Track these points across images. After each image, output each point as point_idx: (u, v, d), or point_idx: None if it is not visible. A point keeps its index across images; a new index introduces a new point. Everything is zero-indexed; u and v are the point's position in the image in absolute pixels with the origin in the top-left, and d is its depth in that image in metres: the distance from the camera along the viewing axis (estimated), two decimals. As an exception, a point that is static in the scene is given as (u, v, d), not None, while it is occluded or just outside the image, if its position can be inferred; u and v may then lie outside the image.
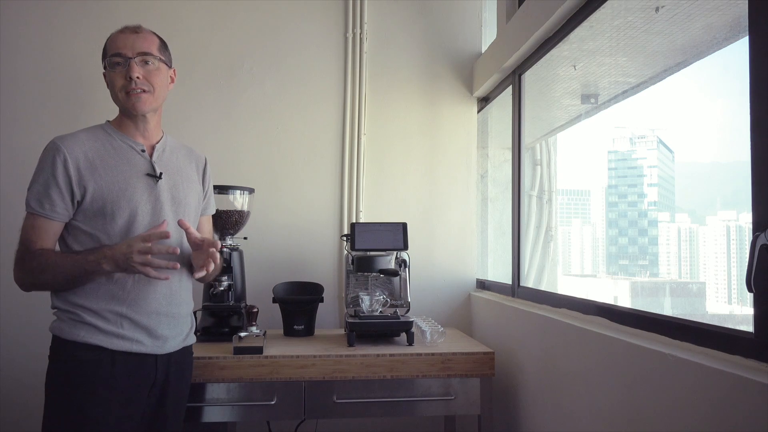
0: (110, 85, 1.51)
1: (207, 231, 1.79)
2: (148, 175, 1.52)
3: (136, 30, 1.52)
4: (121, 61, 1.48)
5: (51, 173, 1.42)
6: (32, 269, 1.41)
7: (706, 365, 1.09)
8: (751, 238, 1.05)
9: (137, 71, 1.48)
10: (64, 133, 1.51)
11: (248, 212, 2.29)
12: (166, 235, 1.40)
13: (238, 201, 2.25)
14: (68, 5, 2.51)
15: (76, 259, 1.40)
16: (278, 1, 2.61)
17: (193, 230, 1.52)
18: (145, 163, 1.53)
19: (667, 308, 1.95)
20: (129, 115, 1.53)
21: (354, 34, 2.62)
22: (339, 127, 2.61)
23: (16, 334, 2.39)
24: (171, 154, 1.62)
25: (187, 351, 1.63)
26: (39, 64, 2.49)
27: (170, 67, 1.60)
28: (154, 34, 1.56)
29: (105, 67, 1.52)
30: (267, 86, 2.59)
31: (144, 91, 1.49)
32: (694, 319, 1.25)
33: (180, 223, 1.50)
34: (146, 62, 1.50)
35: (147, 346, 1.47)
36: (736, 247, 1.69)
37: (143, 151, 1.55)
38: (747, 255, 1.05)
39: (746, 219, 1.11)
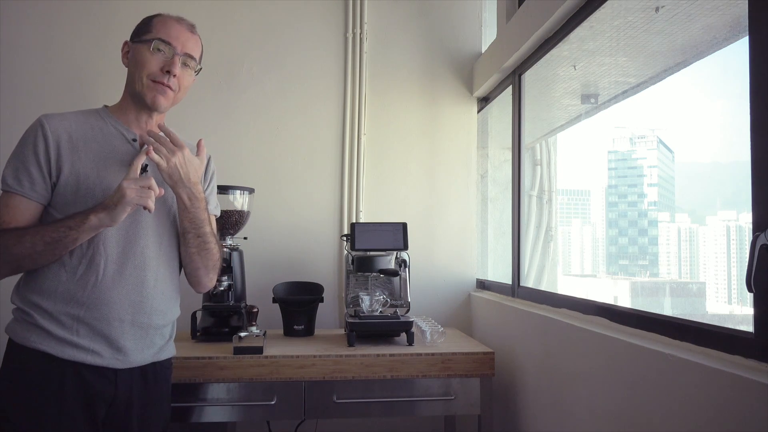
0: (137, 63, 1.40)
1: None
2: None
3: (191, 29, 1.47)
4: (165, 49, 1.39)
5: (32, 149, 1.32)
6: (6, 243, 1.26)
7: (706, 365, 1.09)
8: (751, 238, 1.05)
9: (178, 69, 1.41)
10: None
11: (248, 212, 2.29)
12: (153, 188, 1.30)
13: (238, 201, 2.25)
14: (68, 5, 2.51)
15: (58, 224, 1.27)
16: (278, 1, 2.61)
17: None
18: (133, 153, 1.40)
19: (667, 308, 1.95)
20: (138, 102, 1.42)
21: (354, 34, 2.62)
22: (339, 127, 2.61)
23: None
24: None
25: (160, 366, 1.45)
26: (39, 64, 2.49)
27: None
28: (200, 40, 1.51)
29: (136, 42, 1.41)
30: (267, 86, 2.59)
31: (170, 88, 1.41)
32: (694, 319, 1.25)
33: (160, 127, 1.40)
34: (186, 64, 1.44)
35: (104, 358, 1.31)
36: (736, 247, 1.69)
37: (134, 140, 1.42)
38: (747, 255, 1.05)
39: (746, 219, 1.11)
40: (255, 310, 1.97)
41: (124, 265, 1.36)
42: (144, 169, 1.39)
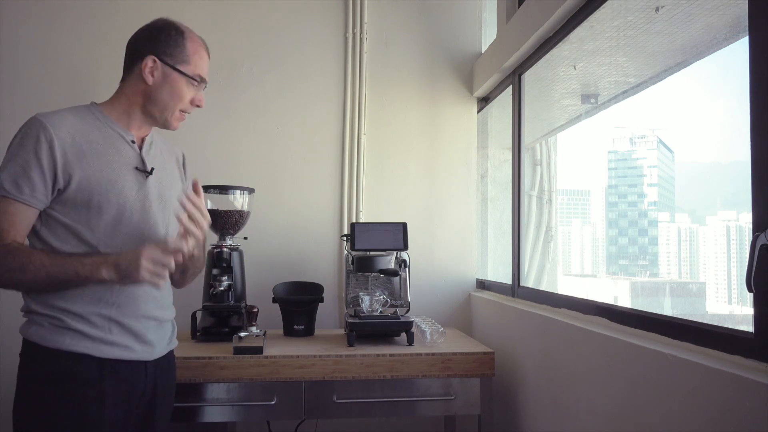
0: (175, 95, 1.41)
1: None
2: (137, 169, 1.40)
3: (208, 53, 1.49)
4: (198, 84, 1.45)
5: (34, 153, 1.26)
6: (9, 266, 1.23)
7: (706, 365, 1.09)
8: (751, 238, 1.05)
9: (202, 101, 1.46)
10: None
11: (248, 212, 2.29)
12: (180, 251, 1.29)
13: (238, 201, 2.25)
14: (68, 5, 2.51)
15: (68, 262, 1.25)
16: (278, 1, 2.61)
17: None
18: (135, 155, 1.41)
19: (667, 308, 1.95)
20: (149, 117, 1.43)
21: (354, 34, 2.62)
22: (339, 127, 2.61)
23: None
24: (156, 148, 1.50)
25: (170, 355, 1.53)
26: (39, 64, 2.49)
27: None
28: None
29: (172, 67, 1.40)
30: (267, 86, 2.59)
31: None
32: (694, 319, 1.25)
33: (195, 186, 1.40)
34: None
35: (137, 352, 1.36)
36: (736, 247, 1.69)
37: (133, 142, 1.42)
38: (747, 255, 1.05)
39: (746, 219, 1.11)
40: (255, 310, 1.97)
41: None
42: (150, 172, 1.42)
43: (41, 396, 1.27)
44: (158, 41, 1.40)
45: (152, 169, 1.42)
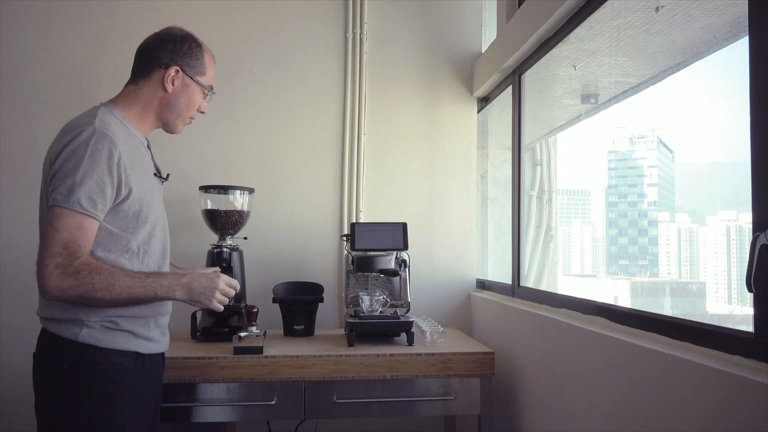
0: (190, 102, 1.49)
1: None
2: (155, 175, 1.50)
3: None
4: (208, 93, 1.54)
5: (107, 170, 1.28)
6: (93, 284, 1.25)
7: (706, 365, 1.09)
8: (751, 238, 1.05)
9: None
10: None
11: (248, 212, 2.29)
12: (237, 289, 1.49)
13: (238, 201, 2.25)
14: (68, 5, 2.51)
15: (147, 283, 1.32)
16: (278, 1, 2.61)
17: None
18: (150, 160, 1.50)
19: (667, 308, 1.95)
20: (160, 121, 1.49)
21: (354, 34, 2.62)
22: (339, 126, 2.61)
23: (22, 332, 2.38)
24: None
25: None
26: (39, 64, 2.49)
27: None
28: None
29: (192, 78, 1.48)
30: (267, 86, 2.59)
31: None
32: (694, 319, 1.25)
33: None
34: None
35: (161, 344, 1.49)
36: (736, 247, 1.69)
37: (148, 147, 1.51)
38: (747, 255, 1.05)
39: (746, 219, 1.11)
40: (255, 310, 1.97)
41: (163, 265, 1.50)
42: (166, 177, 1.54)
43: (99, 390, 1.33)
44: (182, 53, 1.46)
45: (168, 175, 1.53)
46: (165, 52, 1.45)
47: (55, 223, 1.25)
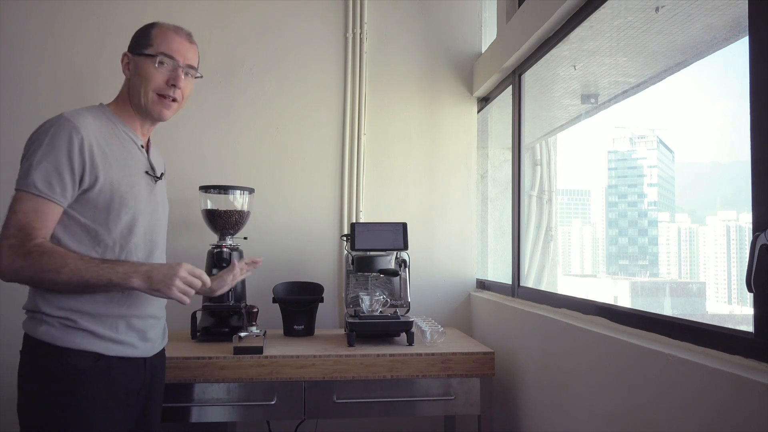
0: (143, 77, 1.42)
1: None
2: (147, 173, 1.47)
3: (190, 39, 1.50)
4: (168, 63, 1.44)
5: (67, 153, 1.29)
6: (42, 266, 1.24)
7: (706, 365, 1.09)
8: (751, 238, 1.05)
9: (183, 81, 1.45)
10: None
11: (248, 212, 2.29)
12: (207, 284, 1.39)
13: (238, 201, 2.25)
14: (68, 5, 2.51)
15: (101, 268, 1.27)
16: (278, 1, 2.61)
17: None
18: (144, 160, 1.48)
19: (667, 308, 1.95)
20: (142, 113, 1.46)
21: (354, 34, 2.62)
22: (339, 126, 2.61)
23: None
24: (155, 152, 1.57)
25: (162, 352, 1.59)
26: (39, 64, 2.49)
27: None
28: (197, 46, 1.55)
29: (138, 54, 1.43)
30: (267, 86, 2.59)
31: (175, 100, 1.46)
32: (694, 319, 1.25)
33: (232, 263, 1.59)
34: (188, 74, 1.49)
35: (138, 349, 1.42)
36: (736, 247, 1.69)
37: (142, 146, 1.49)
38: (747, 255, 1.05)
39: (746, 219, 1.11)
40: (255, 310, 1.97)
41: None
42: (160, 176, 1.50)
43: (48, 392, 1.30)
44: (134, 40, 1.47)
45: (162, 174, 1.51)
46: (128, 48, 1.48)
47: (14, 206, 1.28)
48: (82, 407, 1.31)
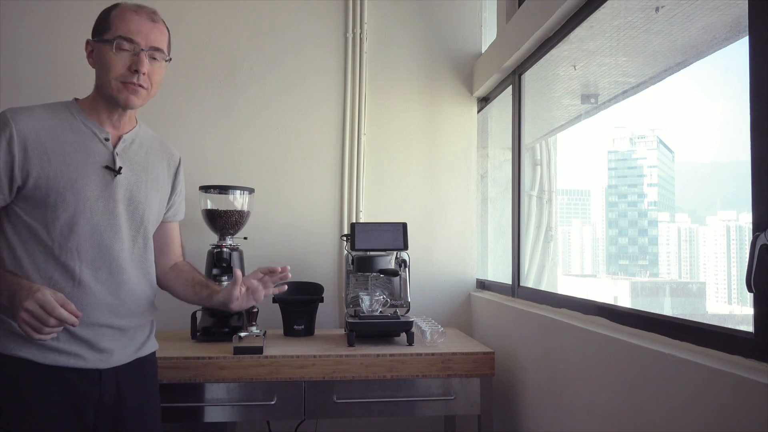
0: (103, 65, 1.33)
1: (177, 240, 1.62)
2: (107, 168, 1.34)
3: (153, 17, 1.37)
4: (129, 48, 1.32)
5: None
6: None
7: (706, 365, 1.09)
8: (751, 238, 1.05)
9: (146, 66, 1.33)
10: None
11: (248, 212, 2.29)
12: (72, 322, 1.19)
13: (238, 201, 2.25)
14: (68, 5, 2.51)
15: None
16: (278, 1, 2.61)
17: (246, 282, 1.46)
18: (106, 153, 1.36)
19: (667, 308, 1.95)
20: (110, 102, 1.36)
21: (354, 34, 2.62)
22: (339, 126, 2.61)
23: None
24: (140, 147, 1.44)
25: (144, 361, 1.45)
26: (39, 64, 2.49)
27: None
28: (165, 25, 1.42)
29: (98, 41, 1.34)
30: (267, 86, 2.59)
31: (142, 87, 1.34)
32: (694, 319, 1.25)
33: (235, 274, 1.42)
34: (154, 58, 1.36)
35: (88, 360, 1.30)
36: (736, 247, 1.69)
37: (107, 140, 1.37)
38: (747, 255, 1.05)
39: (746, 219, 1.11)
40: (255, 310, 1.96)
41: (100, 270, 1.34)
42: (118, 171, 1.36)
43: None
44: (94, 28, 1.39)
45: (120, 168, 1.36)
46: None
47: None
48: (19, 418, 1.24)
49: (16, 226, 1.29)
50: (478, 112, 2.74)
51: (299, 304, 2.24)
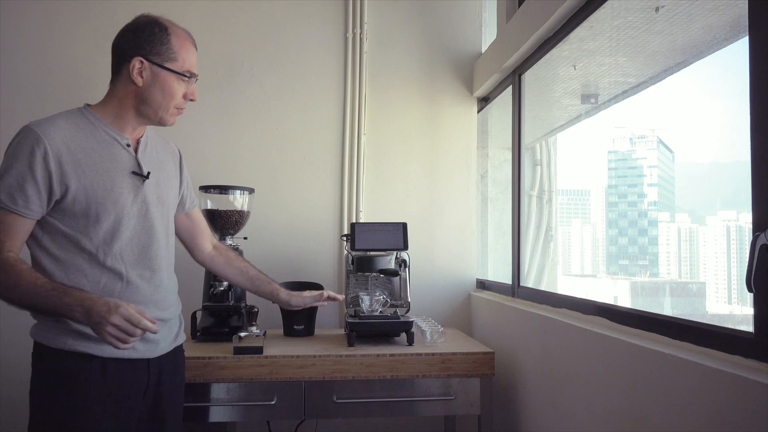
0: (165, 92, 1.39)
1: (203, 222, 1.74)
2: (134, 173, 1.40)
3: (196, 45, 1.49)
4: (189, 79, 1.44)
5: (28, 166, 1.27)
6: (1, 283, 1.25)
7: (706, 365, 1.09)
8: (751, 238, 1.05)
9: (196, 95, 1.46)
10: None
11: (248, 212, 2.29)
12: (154, 330, 1.26)
13: (238, 201, 2.25)
14: (68, 5, 2.51)
15: (50, 296, 1.24)
16: (278, 1, 2.61)
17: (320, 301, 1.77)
18: (131, 159, 1.41)
19: (667, 308, 1.95)
20: (146, 118, 1.42)
21: (354, 34, 2.62)
22: (339, 127, 2.61)
23: (21, 334, 2.38)
24: (152, 148, 1.49)
25: (178, 350, 1.56)
26: (39, 64, 2.49)
27: None
28: None
29: (160, 66, 1.38)
30: (267, 86, 2.59)
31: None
32: (694, 319, 1.25)
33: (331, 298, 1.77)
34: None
35: (139, 351, 1.39)
36: (736, 247, 1.69)
37: (128, 145, 1.41)
38: (747, 255, 1.05)
39: (746, 219, 1.11)
40: (255, 310, 1.97)
41: (143, 269, 1.42)
42: (147, 176, 1.42)
43: (50, 393, 1.32)
44: (143, 41, 1.38)
45: (149, 173, 1.43)
46: (127, 43, 1.39)
47: None
48: (76, 410, 1.31)
49: (55, 236, 1.34)
50: (478, 112, 2.74)
51: (299, 304, 2.23)
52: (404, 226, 2.20)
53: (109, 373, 1.34)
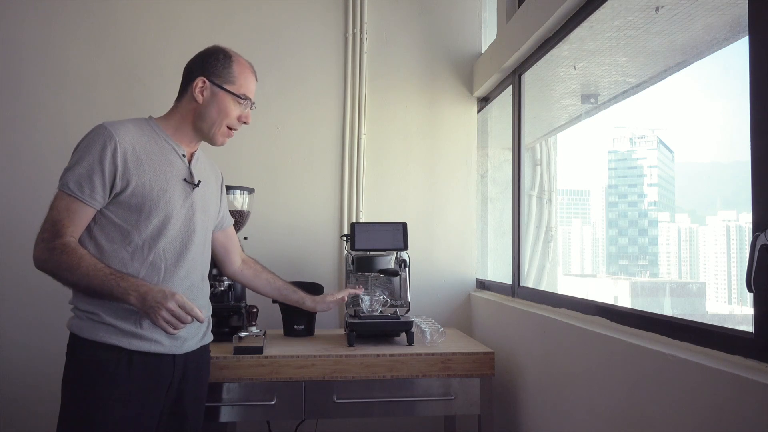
0: (221, 111, 1.54)
1: (236, 239, 1.87)
2: (185, 181, 1.53)
3: (256, 75, 1.63)
4: (244, 101, 1.56)
5: (98, 159, 1.39)
6: (60, 263, 1.35)
7: (706, 365, 1.09)
8: (751, 238, 1.05)
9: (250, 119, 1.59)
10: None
11: (248, 212, 2.29)
12: (202, 319, 1.42)
13: (238, 201, 2.25)
14: (68, 5, 2.51)
15: (108, 279, 1.36)
16: (278, 2, 2.61)
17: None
18: (185, 168, 1.55)
19: (667, 308, 1.95)
20: (201, 134, 1.57)
21: (354, 34, 2.62)
22: (339, 126, 2.61)
23: (21, 333, 2.38)
24: (202, 164, 1.64)
25: (204, 349, 1.63)
26: (39, 64, 2.49)
27: None
28: None
29: (220, 88, 1.53)
30: (267, 86, 2.58)
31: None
32: (694, 319, 1.25)
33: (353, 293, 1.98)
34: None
35: (165, 346, 1.47)
36: (736, 247, 1.69)
37: (184, 156, 1.56)
38: (747, 255, 1.05)
39: (746, 219, 1.11)
40: (255, 310, 1.97)
41: (180, 269, 1.50)
42: (197, 184, 1.54)
43: (82, 381, 1.40)
44: (208, 64, 1.56)
45: (199, 182, 1.56)
46: (195, 65, 1.56)
47: (52, 203, 1.41)
48: (103, 398, 1.39)
49: (104, 226, 1.44)
50: (478, 112, 2.74)
51: (299, 304, 2.23)
52: (404, 226, 2.20)
53: (135, 364, 1.42)
